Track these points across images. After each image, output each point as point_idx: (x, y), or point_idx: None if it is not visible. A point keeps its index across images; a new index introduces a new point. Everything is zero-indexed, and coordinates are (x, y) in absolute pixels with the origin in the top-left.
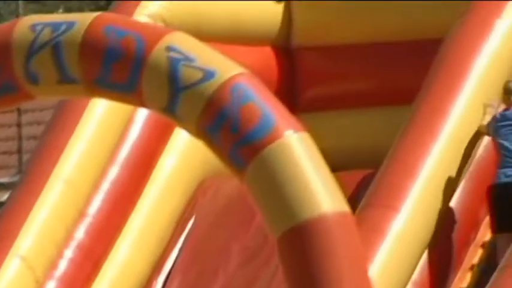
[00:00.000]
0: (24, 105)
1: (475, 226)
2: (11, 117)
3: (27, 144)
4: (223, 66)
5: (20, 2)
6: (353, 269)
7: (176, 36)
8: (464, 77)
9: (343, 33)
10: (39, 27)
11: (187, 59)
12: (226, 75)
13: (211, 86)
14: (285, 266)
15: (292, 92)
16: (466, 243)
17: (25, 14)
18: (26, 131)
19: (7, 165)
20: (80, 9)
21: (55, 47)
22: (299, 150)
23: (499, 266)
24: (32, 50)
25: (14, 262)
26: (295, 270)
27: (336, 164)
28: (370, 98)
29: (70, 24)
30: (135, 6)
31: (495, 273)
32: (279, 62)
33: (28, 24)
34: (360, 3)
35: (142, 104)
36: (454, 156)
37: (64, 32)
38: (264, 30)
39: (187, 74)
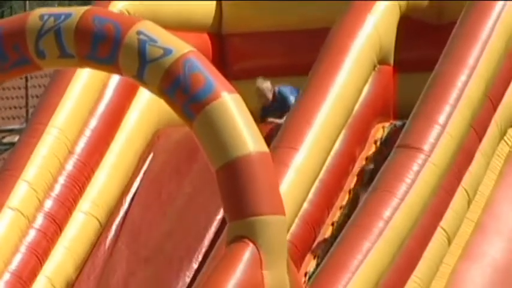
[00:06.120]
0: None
1: (352, 161)
2: (21, 82)
3: (32, 101)
4: (178, 46)
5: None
6: (270, 193)
7: (144, 24)
8: (345, 54)
9: (259, 24)
10: (45, 17)
11: (152, 40)
12: (180, 52)
13: (169, 60)
14: (221, 191)
15: (224, 65)
16: (346, 173)
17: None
18: (32, 91)
19: (18, 115)
20: (69, 5)
21: (57, 31)
22: (232, 107)
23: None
24: (41, 33)
25: (22, 185)
26: (229, 193)
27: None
28: (281, 70)
29: (68, 15)
30: (107, 5)
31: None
32: (213, 44)
33: (38, 14)
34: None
35: (119, 73)
36: (340, 110)
37: (63, 20)
38: (202, 21)
39: (152, 51)
